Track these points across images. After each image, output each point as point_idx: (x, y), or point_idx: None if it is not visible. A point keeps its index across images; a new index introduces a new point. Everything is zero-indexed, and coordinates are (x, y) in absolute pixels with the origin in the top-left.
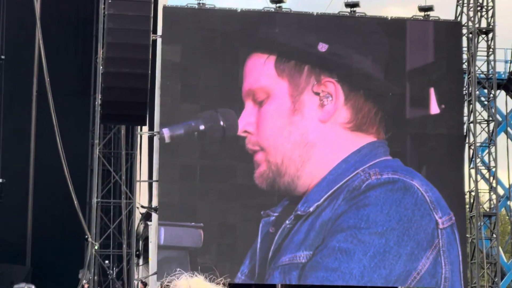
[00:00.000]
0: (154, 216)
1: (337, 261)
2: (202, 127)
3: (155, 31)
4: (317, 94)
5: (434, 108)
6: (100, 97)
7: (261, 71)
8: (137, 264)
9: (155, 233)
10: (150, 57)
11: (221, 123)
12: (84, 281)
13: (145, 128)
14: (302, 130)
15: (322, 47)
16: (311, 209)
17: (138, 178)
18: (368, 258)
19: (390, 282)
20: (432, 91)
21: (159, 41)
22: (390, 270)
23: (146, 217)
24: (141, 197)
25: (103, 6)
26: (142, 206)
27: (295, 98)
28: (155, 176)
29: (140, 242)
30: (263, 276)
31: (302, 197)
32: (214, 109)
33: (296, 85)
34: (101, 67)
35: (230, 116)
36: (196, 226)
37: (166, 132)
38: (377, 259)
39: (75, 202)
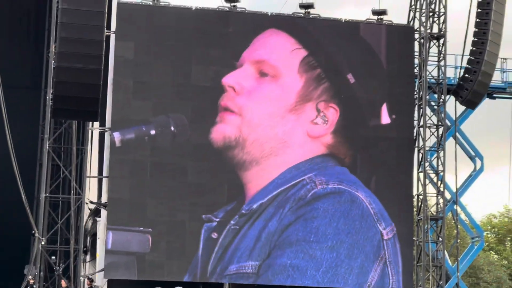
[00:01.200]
0: (103, 212)
1: (290, 278)
2: (153, 132)
3: (108, 27)
4: (318, 111)
5: (385, 119)
6: (51, 91)
7: (284, 53)
8: (84, 261)
9: (104, 230)
10: (103, 53)
11: (172, 128)
12: (30, 277)
13: (96, 124)
14: (288, 130)
15: (351, 77)
16: (254, 207)
17: (88, 174)
18: (321, 273)
19: None
20: (384, 105)
21: (112, 37)
22: (343, 284)
23: (95, 213)
24: (91, 193)
25: (56, 0)
26: (91, 202)
27: (301, 99)
28: (105, 172)
29: (88, 238)
30: (208, 279)
31: (248, 195)
32: (165, 114)
33: (308, 91)
34: (53, 62)
35: (181, 122)
36: (144, 231)
37: (117, 135)
38: (330, 274)
39: (23, 197)
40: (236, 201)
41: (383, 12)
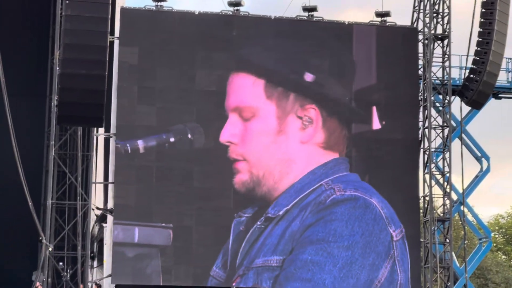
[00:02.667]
0: (110, 218)
1: (310, 272)
2: (172, 139)
3: (112, 33)
4: (300, 118)
5: (376, 124)
6: (56, 98)
7: (250, 91)
8: (92, 266)
9: (110, 235)
10: (107, 58)
11: (189, 136)
12: (38, 283)
13: (102, 130)
14: (284, 149)
15: (308, 76)
16: (280, 213)
17: (94, 180)
18: (337, 269)
19: None
20: (374, 108)
21: (116, 42)
22: (356, 279)
23: (101, 219)
24: (97, 199)
25: (60, 6)
26: (98, 208)
27: (281, 120)
28: (111, 178)
29: (95, 244)
30: (233, 273)
31: (272, 202)
32: (183, 123)
33: (283, 109)
34: (57, 68)
35: (198, 130)
36: (165, 226)
37: (140, 143)
38: (345, 270)
39: (30, 204)
40: (257, 207)
41: (386, 14)
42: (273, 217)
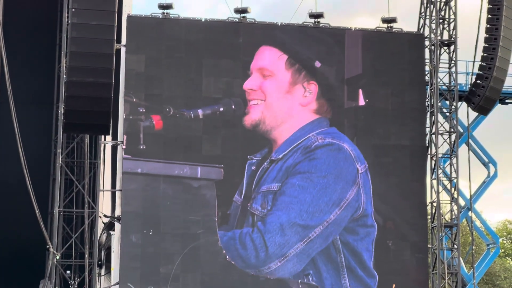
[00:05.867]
0: (117, 226)
1: (297, 192)
2: (221, 109)
3: (119, 41)
4: (304, 88)
5: (361, 101)
6: (63, 106)
7: (274, 60)
8: (99, 274)
9: (118, 243)
10: (114, 66)
11: (233, 106)
12: None
13: (108, 138)
14: (288, 106)
15: (317, 64)
16: (280, 156)
17: (101, 188)
18: (316, 191)
19: (330, 205)
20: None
21: (123, 50)
22: (329, 198)
23: (109, 226)
24: (104, 206)
25: (66, 15)
26: (105, 216)
27: (291, 85)
28: (118, 186)
29: (103, 252)
30: (248, 197)
31: (274, 149)
32: (228, 97)
33: (295, 79)
34: (64, 76)
35: (238, 103)
36: (218, 166)
37: (200, 111)
38: (321, 192)
39: (37, 212)
40: (267, 149)
41: (393, 20)
42: (275, 159)
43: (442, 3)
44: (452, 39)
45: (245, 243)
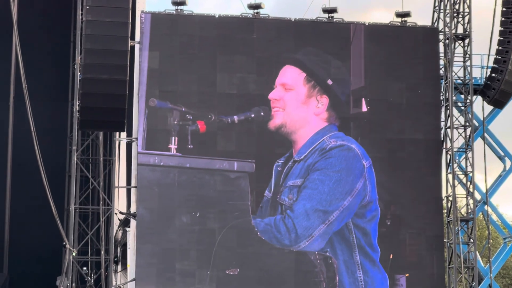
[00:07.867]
0: (133, 222)
1: (316, 185)
2: (252, 115)
3: (133, 37)
4: (317, 100)
5: (364, 108)
6: (78, 103)
7: (295, 77)
8: (115, 271)
9: (134, 239)
10: (128, 63)
11: (261, 113)
12: None
13: (123, 134)
14: (304, 114)
15: (329, 81)
16: (301, 157)
17: (116, 184)
18: (332, 183)
19: (343, 193)
20: (363, 99)
21: (137, 47)
22: (343, 188)
23: (125, 223)
24: (120, 203)
25: (81, 12)
26: (121, 212)
27: (307, 98)
28: (133, 182)
29: (119, 248)
30: (276, 192)
31: (295, 151)
32: (257, 106)
33: (310, 92)
34: (79, 73)
35: (265, 111)
36: (251, 161)
37: (235, 117)
38: (336, 183)
39: (53, 209)
40: (289, 153)
41: (406, 14)
42: (297, 160)
43: None
44: (467, 32)
45: (279, 227)
